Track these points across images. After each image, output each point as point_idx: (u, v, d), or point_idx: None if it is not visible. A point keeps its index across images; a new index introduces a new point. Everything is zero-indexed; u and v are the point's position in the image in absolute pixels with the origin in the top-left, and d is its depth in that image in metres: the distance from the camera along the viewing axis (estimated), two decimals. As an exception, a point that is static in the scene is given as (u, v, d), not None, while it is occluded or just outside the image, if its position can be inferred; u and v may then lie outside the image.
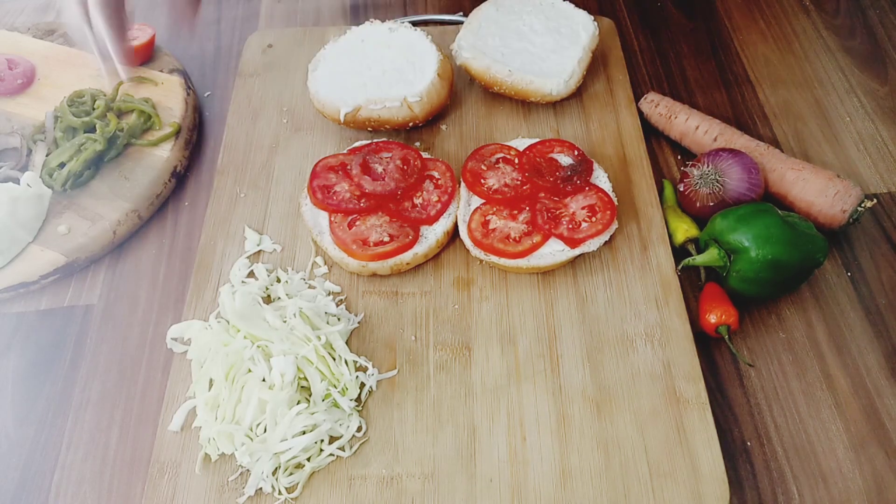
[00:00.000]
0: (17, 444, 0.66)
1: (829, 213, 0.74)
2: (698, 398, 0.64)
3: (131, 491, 0.63)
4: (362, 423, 0.63)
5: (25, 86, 0.89)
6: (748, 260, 0.66)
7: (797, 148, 0.85)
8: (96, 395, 0.68)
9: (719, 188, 0.73)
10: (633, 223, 0.76)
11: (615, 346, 0.67)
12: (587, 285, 0.71)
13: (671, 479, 0.60)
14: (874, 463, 0.63)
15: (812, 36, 0.97)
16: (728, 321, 0.68)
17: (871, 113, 0.88)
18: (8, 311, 0.74)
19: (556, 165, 0.76)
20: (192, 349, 0.66)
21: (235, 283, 0.71)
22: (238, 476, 0.61)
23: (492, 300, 0.71)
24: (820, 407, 0.66)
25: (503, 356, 0.67)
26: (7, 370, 0.70)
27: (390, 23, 0.86)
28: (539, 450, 0.62)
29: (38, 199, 0.77)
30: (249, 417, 0.61)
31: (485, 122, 0.86)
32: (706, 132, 0.81)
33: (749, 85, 0.92)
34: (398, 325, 0.70)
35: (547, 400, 0.64)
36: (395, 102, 0.79)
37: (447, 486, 0.60)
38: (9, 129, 0.84)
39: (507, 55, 0.84)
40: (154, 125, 0.84)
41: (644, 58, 0.95)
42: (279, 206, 0.78)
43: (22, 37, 0.95)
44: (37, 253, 0.75)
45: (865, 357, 0.69)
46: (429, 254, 0.72)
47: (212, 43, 0.98)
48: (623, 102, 0.86)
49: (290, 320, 0.65)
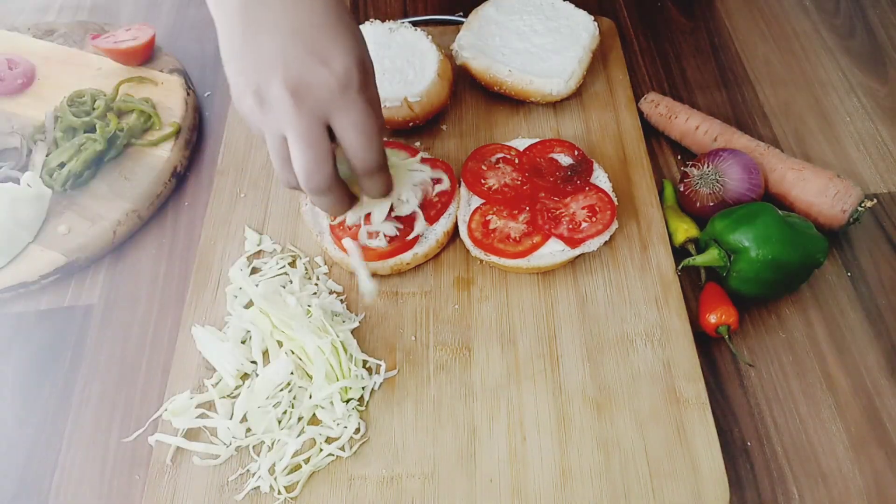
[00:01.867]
0: (17, 444, 0.66)
1: (829, 213, 0.74)
2: (698, 398, 0.64)
3: (131, 491, 0.63)
4: (361, 424, 0.63)
5: (25, 86, 0.89)
6: (748, 260, 0.66)
7: (797, 148, 0.85)
8: (96, 395, 0.68)
9: (719, 188, 0.73)
10: (633, 223, 0.76)
11: (615, 345, 0.67)
12: (587, 285, 0.71)
13: (671, 479, 0.60)
14: (874, 463, 0.63)
15: (812, 36, 0.97)
16: (728, 321, 0.68)
17: (871, 113, 0.88)
18: (8, 311, 0.74)
19: (556, 165, 0.76)
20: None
21: (235, 283, 0.71)
22: (238, 476, 0.61)
23: (492, 300, 0.71)
24: (820, 407, 0.66)
25: (503, 356, 0.67)
26: (7, 370, 0.70)
27: (390, 23, 0.86)
28: (539, 450, 0.62)
29: (38, 199, 0.77)
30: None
31: (485, 122, 0.86)
32: (706, 132, 0.81)
33: (749, 85, 0.92)
34: (398, 325, 0.70)
35: (547, 400, 0.64)
36: (395, 102, 0.79)
37: (447, 486, 0.60)
38: (9, 129, 0.84)
39: (507, 55, 0.84)
40: (154, 125, 0.84)
41: (644, 58, 0.96)
42: (279, 206, 0.78)
43: (22, 37, 0.95)
44: (37, 253, 0.75)
45: (865, 357, 0.69)
46: (429, 254, 0.72)
47: (212, 43, 0.98)
48: (623, 102, 0.86)
49: (311, 308, 0.66)
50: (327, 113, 0.54)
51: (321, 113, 0.54)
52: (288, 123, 0.54)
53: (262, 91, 0.54)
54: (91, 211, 0.78)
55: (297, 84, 0.53)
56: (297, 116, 0.53)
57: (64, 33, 0.95)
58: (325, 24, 0.54)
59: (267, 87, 0.53)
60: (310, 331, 0.64)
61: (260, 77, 0.54)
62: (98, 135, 0.80)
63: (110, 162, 0.82)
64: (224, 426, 0.62)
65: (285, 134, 0.54)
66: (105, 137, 0.80)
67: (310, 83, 0.53)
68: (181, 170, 0.84)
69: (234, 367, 0.65)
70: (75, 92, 0.85)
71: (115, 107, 0.84)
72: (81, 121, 0.82)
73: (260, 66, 0.54)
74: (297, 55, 0.53)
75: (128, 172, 0.81)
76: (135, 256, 0.78)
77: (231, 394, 0.65)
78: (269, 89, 0.53)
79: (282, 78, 0.53)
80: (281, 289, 0.69)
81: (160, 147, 0.83)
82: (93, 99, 0.84)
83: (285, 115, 0.53)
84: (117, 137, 0.81)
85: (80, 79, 0.89)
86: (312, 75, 0.53)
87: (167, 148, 0.83)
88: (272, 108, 0.54)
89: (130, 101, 0.85)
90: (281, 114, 0.54)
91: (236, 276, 0.71)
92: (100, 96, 0.85)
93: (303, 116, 0.53)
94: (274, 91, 0.53)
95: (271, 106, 0.54)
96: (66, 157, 0.79)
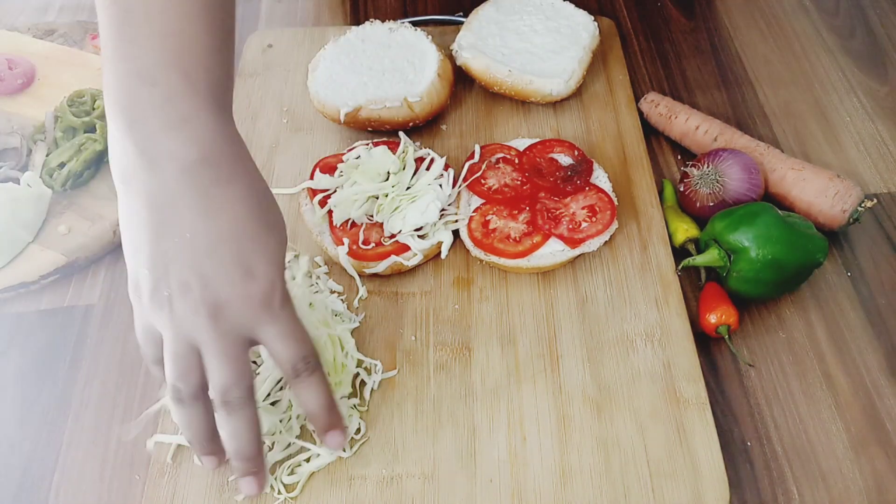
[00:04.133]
0: (17, 444, 0.66)
1: (829, 213, 0.74)
2: (698, 398, 0.64)
3: (131, 491, 0.63)
4: (361, 424, 0.63)
5: (25, 86, 0.89)
6: (748, 260, 0.66)
7: (797, 148, 0.85)
8: (96, 395, 0.68)
9: (719, 188, 0.73)
10: (633, 223, 0.76)
11: (615, 346, 0.67)
12: (587, 285, 0.71)
13: (671, 479, 0.60)
14: (874, 463, 0.63)
15: (812, 36, 0.97)
16: (728, 321, 0.68)
17: (871, 113, 0.88)
18: (8, 311, 0.74)
19: (556, 165, 0.76)
20: None
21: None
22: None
23: (492, 300, 0.71)
24: (820, 407, 0.66)
25: (503, 356, 0.67)
26: (7, 370, 0.70)
27: (390, 23, 0.86)
28: (539, 450, 0.62)
29: (38, 199, 0.77)
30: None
31: (485, 122, 0.86)
32: (706, 132, 0.81)
33: (749, 85, 0.92)
34: (398, 325, 0.70)
35: (547, 400, 0.64)
36: (395, 102, 0.79)
37: (447, 486, 0.60)
38: (9, 129, 0.84)
39: (507, 55, 0.84)
40: (154, 125, 0.84)
41: (644, 58, 0.96)
42: (279, 205, 0.78)
43: (22, 37, 0.95)
44: (37, 253, 0.75)
45: (865, 357, 0.69)
46: (429, 254, 0.72)
47: (212, 43, 0.98)
48: (623, 102, 0.86)
49: (312, 299, 0.66)
50: (251, 328, 0.50)
51: (243, 329, 0.50)
52: (204, 341, 0.49)
53: (172, 300, 0.48)
54: (91, 211, 0.78)
55: (217, 302, 0.48)
56: (215, 334, 0.48)
57: (64, 33, 0.95)
58: (249, 231, 0.49)
59: (178, 299, 0.48)
60: (310, 323, 0.64)
61: (170, 285, 0.48)
62: (98, 134, 0.80)
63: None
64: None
65: (198, 347, 0.49)
66: (105, 137, 0.80)
67: (231, 301, 0.48)
68: (181, 170, 0.84)
69: None
70: (75, 92, 0.85)
71: (115, 107, 0.84)
72: (81, 121, 0.82)
73: (169, 274, 0.48)
74: (216, 271, 0.48)
75: (128, 172, 0.81)
76: (135, 256, 0.78)
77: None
78: (181, 302, 0.48)
79: (199, 296, 0.48)
80: (291, 280, 0.69)
81: (160, 147, 0.83)
82: (93, 99, 0.84)
83: (200, 331, 0.48)
84: (117, 137, 0.81)
85: (80, 79, 0.89)
86: (234, 292, 0.48)
87: (167, 148, 0.83)
88: (181, 321, 0.48)
89: (130, 101, 0.85)
90: (194, 329, 0.48)
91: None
92: (100, 96, 0.85)
93: (223, 335, 0.49)
94: (188, 304, 0.48)
95: (181, 318, 0.48)
96: (66, 157, 0.79)
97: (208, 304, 0.48)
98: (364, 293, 0.71)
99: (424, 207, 0.71)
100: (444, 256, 0.72)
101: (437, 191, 0.72)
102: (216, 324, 0.48)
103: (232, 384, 0.49)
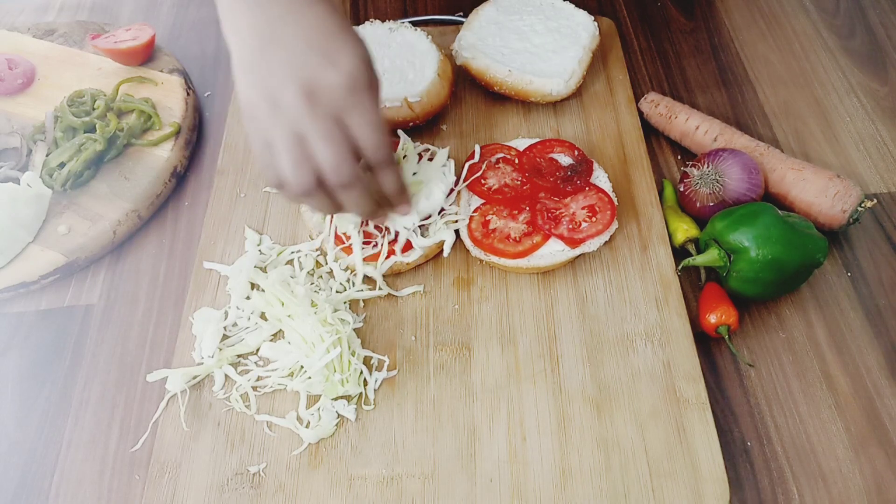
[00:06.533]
0: (17, 444, 0.66)
1: (829, 213, 0.74)
2: (698, 398, 0.64)
3: (131, 491, 0.63)
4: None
5: (25, 86, 0.89)
6: (748, 260, 0.66)
7: (797, 148, 0.85)
8: (96, 395, 0.68)
9: (719, 188, 0.73)
10: (633, 223, 0.76)
11: (615, 346, 0.67)
12: (587, 285, 0.71)
13: (671, 479, 0.60)
14: (874, 463, 0.63)
15: (812, 36, 0.97)
16: (728, 321, 0.68)
17: (871, 113, 0.88)
18: (8, 311, 0.74)
19: (556, 165, 0.76)
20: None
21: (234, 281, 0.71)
22: (238, 476, 0.61)
23: (492, 300, 0.71)
24: (820, 407, 0.66)
25: (503, 356, 0.67)
26: (7, 370, 0.70)
27: (390, 23, 0.86)
28: (539, 450, 0.62)
29: (38, 199, 0.77)
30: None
31: (485, 122, 0.86)
32: (706, 132, 0.81)
33: (749, 85, 0.92)
34: (398, 325, 0.70)
35: (547, 400, 0.64)
36: (395, 102, 0.79)
37: (447, 486, 0.60)
38: (9, 129, 0.84)
39: (507, 55, 0.84)
40: (154, 125, 0.84)
41: (644, 58, 0.95)
42: (279, 206, 0.78)
43: (22, 37, 0.95)
44: (37, 253, 0.75)
45: (865, 357, 0.69)
46: (429, 254, 0.72)
47: (212, 43, 0.98)
48: (623, 102, 0.86)
49: (318, 301, 0.67)
50: (340, 112, 0.57)
51: (335, 112, 0.57)
52: (307, 125, 0.57)
53: (276, 98, 0.56)
54: (91, 211, 0.78)
55: (311, 87, 0.56)
56: (314, 117, 0.56)
57: (64, 33, 0.95)
58: (330, 30, 0.57)
59: (281, 94, 0.56)
60: (315, 321, 0.65)
61: (273, 85, 0.56)
62: (98, 135, 0.80)
63: (110, 162, 0.82)
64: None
65: (304, 135, 0.57)
66: (105, 137, 0.80)
67: (321, 85, 0.56)
68: (181, 170, 0.84)
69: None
70: (75, 92, 0.85)
71: (115, 107, 0.84)
72: (81, 121, 0.82)
73: (273, 76, 0.56)
74: (307, 61, 0.56)
75: (128, 172, 0.81)
76: (135, 256, 0.78)
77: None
78: (283, 95, 0.56)
79: (295, 84, 0.56)
80: (290, 279, 0.70)
81: (160, 147, 0.83)
82: (93, 99, 0.84)
83: (302, 118, 0.56)
84: (117, 137, 0.81)
85: (80, 79, 0.89)
86: (324, 77, 0.56)
87: (167, 148, 0.83)
88: (286, 113, 0.56)
89: (130, 101, 0.85)
90: (297, 117, 0.56)
91: (242, 269, 0.71)
92: (100, 96, 0.85)
93: (320, 116, 0.57)
94: (288, 96, 0.56)
95: (286, 111, 0.56)
96: (66, 157, 0.79)
97: (304, 90, 0.56)
98: (366, 289, 0.71)
99: (430, 193, 0.71)
100: (447, 255, 0.72)
101: (442, 177, 0.73)
102: (313, 107, 0.56)
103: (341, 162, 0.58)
